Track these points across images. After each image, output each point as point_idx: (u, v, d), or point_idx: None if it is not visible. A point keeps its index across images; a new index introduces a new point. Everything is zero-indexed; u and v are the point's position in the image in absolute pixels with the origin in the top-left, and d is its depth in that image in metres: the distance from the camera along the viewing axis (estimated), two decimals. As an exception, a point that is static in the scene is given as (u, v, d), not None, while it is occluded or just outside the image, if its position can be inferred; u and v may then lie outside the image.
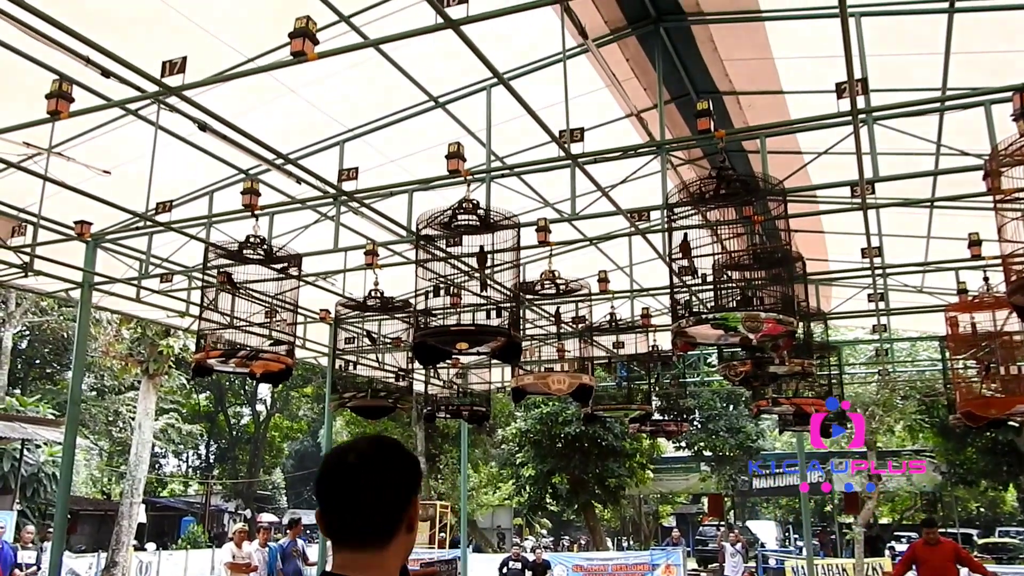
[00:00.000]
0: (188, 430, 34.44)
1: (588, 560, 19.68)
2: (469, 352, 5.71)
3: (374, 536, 1.57)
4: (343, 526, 1.58)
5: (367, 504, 1.57)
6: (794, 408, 8.57)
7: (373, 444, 1.66)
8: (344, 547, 1.58)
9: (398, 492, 1.60)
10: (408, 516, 1.61)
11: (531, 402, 23.05)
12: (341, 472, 1.59)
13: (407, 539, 1.62)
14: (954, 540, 10.70)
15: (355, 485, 1.58)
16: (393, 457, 1.62)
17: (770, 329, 4.91)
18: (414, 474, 1.65)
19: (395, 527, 1.59)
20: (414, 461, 1.67)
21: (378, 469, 1.59)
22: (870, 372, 17.76)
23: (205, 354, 6.40)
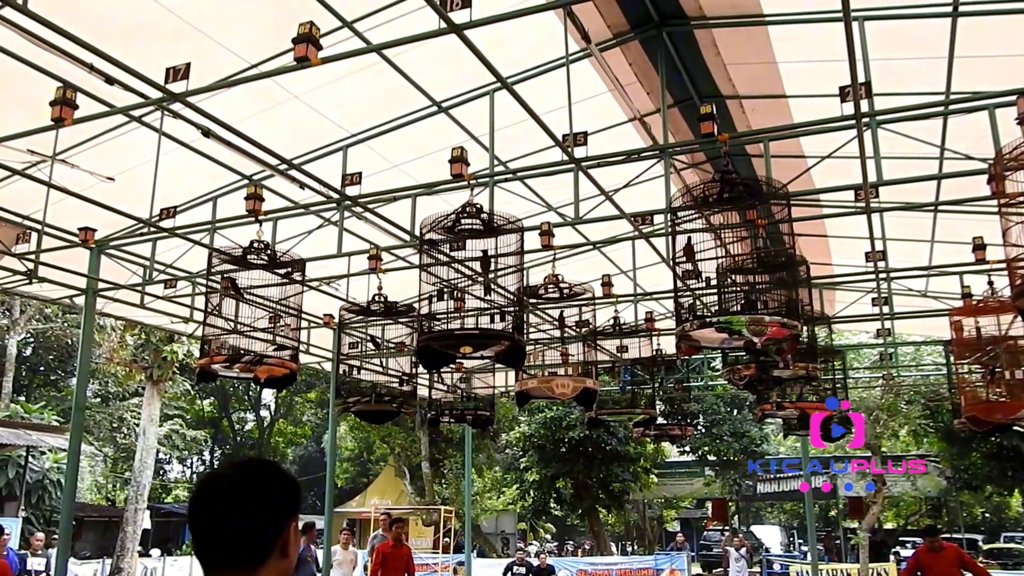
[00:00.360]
0: (192, 436, 34.43)
1: (592, 565, 19.65)
2: (473, 356, 5.70)
3: (243, 561, 1.54)
4: (212, 551, 1.55)
5: (235, 529, 1.54)
6: (798, 412, 8.55)
7: (244, 468, 1.63)
8: (214, 570, 1.56)
9: (268, 517, 1.57)
10: (281, 542, 1.58)
11: (535, 406, 23.02)
12: (210, 496, 1.57)
13: (280, 564, 1.58)
14: (959, 546, 10.65)
15: (223, 510, 1.55)
16: (264, 482, 1.60)
17: (774, 332, 4.90)
18: (288, 499, 1.62)
19: (265, 553, 1.55)
20: (289, 485, 1.64)
21: (247, 494, 1.56)
22: (874, 376, 17.72)
23: (209, 359, 6.40)
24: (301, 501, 1.67)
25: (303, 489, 23.57)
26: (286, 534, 1.59)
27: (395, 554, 10.66)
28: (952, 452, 24.62)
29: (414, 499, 27.45)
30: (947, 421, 22.15)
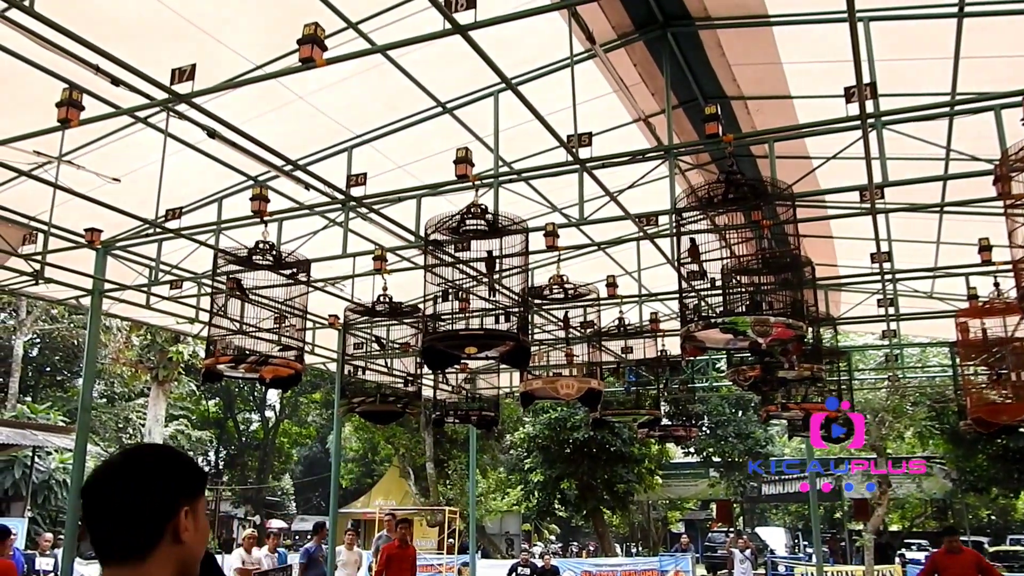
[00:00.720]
0: (198, 436, 34.49)
1: (597, 566, 19.63)
2: (478, 356, 5.70)
3: (130, 550, 1.52)
4: (101, 541, 1.54)
5: (117, 518, 1.52)
6: (803, 413, 8.53)
7: (127, 456, 1.61)
8: (106, 563, 1.54)
9: (151, 503, 1.54)
10: (172, 526, 1.55)
11: (539, 407, 23.02)
12: (93, 487, 1.56)
13: (175, 550, 1.55)
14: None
15: (105, 499, 1.54)
16: (145, 467, 1.57)
17: (779, 333, 4.89)
18: (174, 482, 1.58)
19: (153, 539, 1.53)
20: (177, 468, 1.60)
21: (128, 481, 1.54)
22: (880, 378, 17.68)
23: (215, 359, 6.41)
24: (198, 482, 1.62)
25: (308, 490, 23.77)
26: (176, 519, 1.55)
27: (400, 555, 10.69)
28: (958, 454, 24.56)
29: (419, 500, 27.47)
30: (953, 423, 22.07)
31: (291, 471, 46.02)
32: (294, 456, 45.91)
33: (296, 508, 44.37)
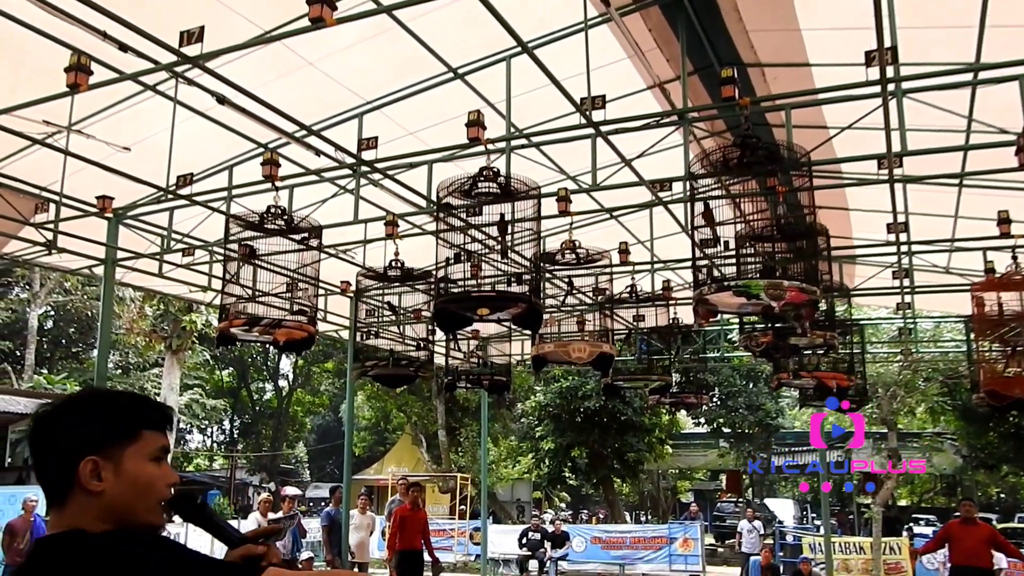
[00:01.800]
0: (212, 405, 34.84)
1: (606, 532, 19.77)
2: (490, 319, 5.70)
3: (51, 497, 1.56)
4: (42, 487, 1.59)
5: (36, 467, 1.57)
6: (815, 382, 8.51)
7: (53, 404, 1.60)
8: (47, 510, 1.60)
9: (53, 453, 1.55)
10: (76, 479, 1.51)
11: (550, 376, 23.09)
12: (29, 434, 1.60)
13: (88, 499, 1.51)
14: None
15: (32, 446, 1.59)
16: (52, 416, 1.57)
17: (793, 297, 4.86)
18: (77, 432, 1.54)
19: (63, 488, 1.53)
20: (84, 420, 1.56)
21: (37, 431, 1.57)
22: (893, 352, 17.60)
23: (228, 323, 6.44)
24: (114, 432, 1.56)
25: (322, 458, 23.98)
26: (80, 472, 1.51)
27: (413, 517, 10.87)
28: (969, 431, 24.49)
29: (431, 467, 27.69)
30: (965, 399, 21.98)
31: (305, 439, 46.46)
32: (307, 425, 46.31)
33: (310, 476, 44.83)
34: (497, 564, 18.46)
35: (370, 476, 29.86)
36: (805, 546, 17.85)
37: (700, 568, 17.80)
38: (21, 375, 25.02)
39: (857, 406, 11.29)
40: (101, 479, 1.51)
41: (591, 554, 18.83)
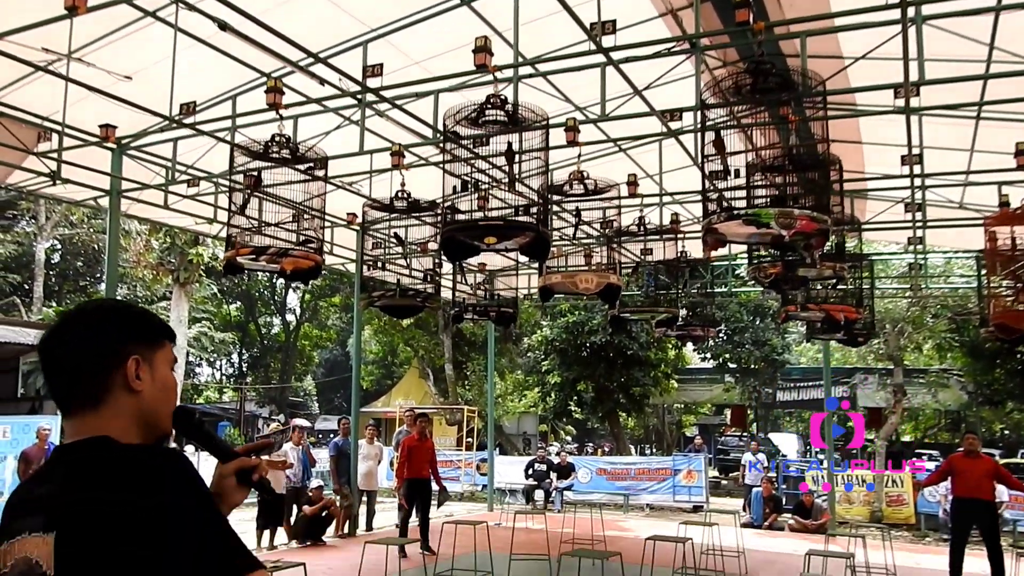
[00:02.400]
0: (220, 338, 35.09)
1: (611, 463, 20.03)
2: (496, 248, 5.66)
3: (82, 400, 1.51)
4: (58, 394, 1.53)
5: (68, 368, 1.51)
6: (823, 314, 8.48)
7: (77, 308, 1.60)
8: (64, 418, 1.53)
9: (91, 354, 1.51)
10: (120, 375, 1.52)
11: (557, 310, 23.16)
12: (44, 341, 1.55)
13: (129, 400, 1.53)
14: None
15: (56, 351, 1.53)
16: (91, 317, 1.56)
17: (803, 226, 4.79)
18: (117, 332, 1.55)
19: (101, 390, 1.51)
20: (122, 317, 1.57)
21: (74, 331, 1.53)
22: (902, 287, 17.54)
23: (235, 252, 6.42)
24: (152, 332, 1.59)
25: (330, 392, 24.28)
26: (126, 368, 1.52)
27: (420, 447, 11.04)
28: (975, 367, 24.53)
29: (437, 400, 28.01)
30: (973, 336, 21.99)
31: (313, 373, 46.97)
32: (315, 359, 46.76)
33: (319, 408, 45.43)
34: (503, 494, 18.77)
35: (377, 409, 30.24)
36: (808, 479, 18.06)
37: (703, 499, 18.06)
38: (30, 308, 25.20)
39: (864, 340, 11.30)
40: (140, 379, 1.54)
41: (596, 485, 19.12)
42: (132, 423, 1.53)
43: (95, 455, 1.45)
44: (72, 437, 1.50)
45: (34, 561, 1.38)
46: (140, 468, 1.42)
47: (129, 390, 1.53)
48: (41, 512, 1.41)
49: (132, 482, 1.39)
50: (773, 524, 15.80)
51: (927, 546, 14.51)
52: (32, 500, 1.45)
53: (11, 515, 1.48)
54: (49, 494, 1.42)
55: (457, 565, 9.27)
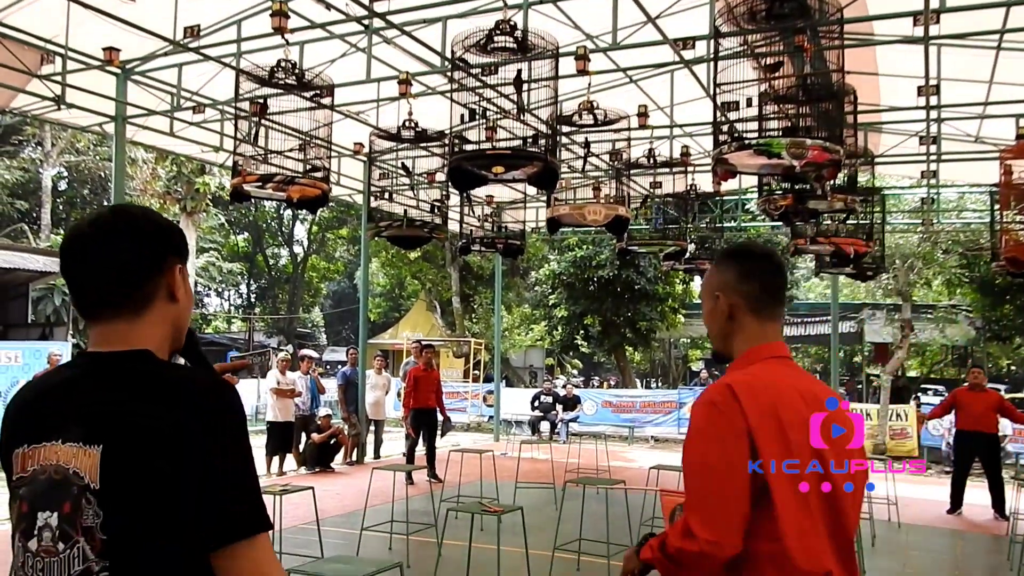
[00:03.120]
0: (228, 268, 35.21)
1: (617, 396, 20.24)
2: (504, 178, 5.60)
3: (124, 306, 1.46)
4: (91, 299, 1.47)
5: (108, 271, 1.44)
6: (833, 247, 8.42)
7: (112, 211, 1.52)
8: (97, 322, 1.47)
9: (144, 256, 1.46)
10: (165, 283, 1.49)
11: (565, 244, 23.11)
12: (78, 242, 1.46)
13: (170, 308, 1.51)
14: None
15: (93, 253, 1.45)
16: (134, 221, 1.49)
17: (815, 157, 4.71)
18: (165, 238, 1.51)
19: (147, 295, 1.47)
20: (165, 225, 1.53)
21: (116, 234, 1.46)
22: (914, 223, 17.39)
23: (241, 179, 6.37)
24: (185, 245, 1.56)
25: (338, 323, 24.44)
26: (170, 275, 1.50)
27: (426, 377, 11.18)
28: (984, 303, 24.49)
29: (445, 332, 28.18)
30: (983, 272, 21.88)
31: (320, 305, 47.22)
32: (323, 290, 46.96)
33: (327, 340, 45.80)
34: (510, 425, 19.03)
35: (385, 340, 30.46)
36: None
37: (707, 432, 18.26)
38: (38, 235, 25.25)
39: (873, 274, 11.23)
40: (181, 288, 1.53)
41: (601, 417, 19.34)
42: (167, 334, 1.51)
43: (143, 369, 1.42)
44: (106, 346, 1.46)
45: (71, 471, 1.37)
46: (191, 391, 1.38)
47: (171, 299, 1.51)
48: (79, 422, 1.38)
49: (181, 403, 1.36)
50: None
51: (929, 478, 14.70)
52: (63, 406, 1.41)
53: (30, 418, 1.45)
54: (90, 404, 1.39)
55: (463, 492, 9.44)
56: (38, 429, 1.43)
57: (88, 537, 1.34)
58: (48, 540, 1.36)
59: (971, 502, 10.47)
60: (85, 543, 1.34)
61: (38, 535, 1.38)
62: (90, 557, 1.35)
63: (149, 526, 1.34)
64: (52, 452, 1.39)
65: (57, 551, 1.36)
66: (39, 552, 1.37)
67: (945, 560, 8.11)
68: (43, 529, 1.37)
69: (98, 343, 1.47)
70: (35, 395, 1.48)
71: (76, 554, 1.35)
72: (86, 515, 1.34)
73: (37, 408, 1.45)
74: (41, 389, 1.48)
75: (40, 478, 1.40)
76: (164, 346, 1.51)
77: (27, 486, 1.41)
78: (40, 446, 1.41)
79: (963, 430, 10.18)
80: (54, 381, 1.47)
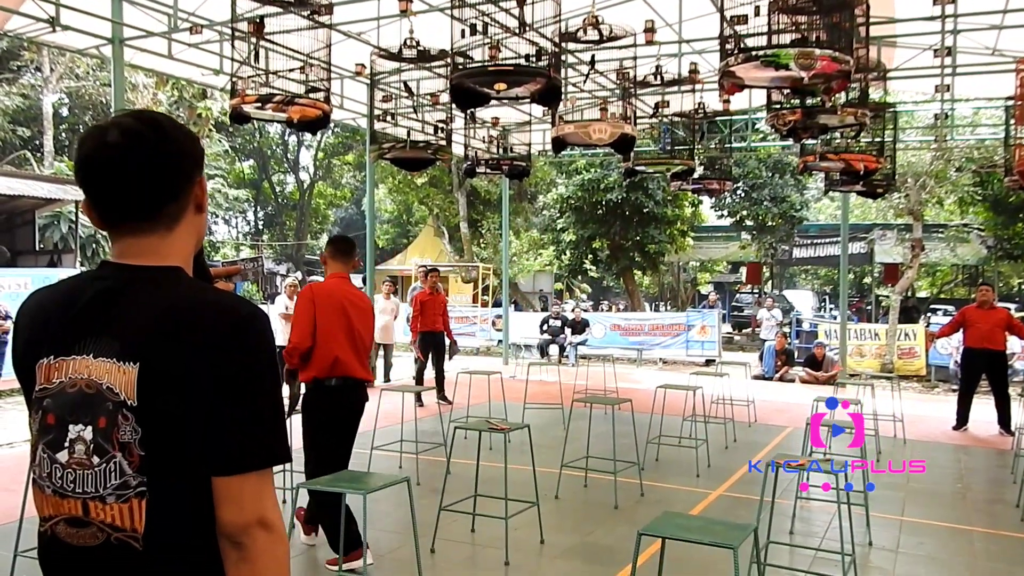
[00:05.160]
0: (235, 195, 35.06)
1: (625, 319, 20.32)
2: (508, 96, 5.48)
3: (157, 220, 1.42)
4: (119, 213, 1.41)
5: (142, 185, 1.38)
6: (842, 164, 8.27)
7: (137, 118, 1.42)
8: (125, 235, 1.43)
9: (178, 169, 1.42)
10: (194, 194, 1.46)
11: (573, 167, 22.88)
12: (103, 153, 1.38)
13: (197, 220, 1.49)
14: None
15: (123, 165, 1.37)
16: (163, 131, 1.41)
17: (824, 68, 4.58)
18: (193, 148, 1.46)
19: (180, 208, 1.44)
20: (190, 133, 1.48)
21: (148, 145, 1.38)
22: (926, 139, 17.08)
23: (240, 99, 6.26)
24: (202, 156, 1.51)
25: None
26: (199, 186, 1.47)
27: (432, 300, 11.22)
28: (997, 221, 24.27)
29: (453, 258, 28.19)
30: (996, 189, 21.62)
31: (328, 231, 47.21)
32: (330, 217, 46.87)
33: (335, 266, 45.86)
34: (518, 349, 19.16)
35: (393, 266, 30.52)
36: (821, 332, 18.27)
37: (716, 354, 18.37)
38: (41, 162, 25.11)
39: (883, 192, 11.08)
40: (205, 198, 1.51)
41: (610, 340, 19.45)
42: (194, 246, 1.50)
43: (178, 290, 1.39)
44: (135, 259, 1.43)
45: (104, 386, 1.35)
46: (222, 319, 1.35)
47: (199, 210, 1.48)
48: (112, 336, 1.36)
49: (212, 329, 1.34)
50: (784, 376, 16.13)
51: (936, 396, 14.81)
52: (94, 320, 1.38)
53: (55, 328, 1.42)
54: (125, 320, 1.37)
55: (472, 413, 9.56)
56: (65, 341, 1.40)
57: (125, 452, 1.34)
58: (82, 453, 1.36)
59: (977, 418, 10.55)
60: (123, 458, 1.34)
61: (69, 447, 1.36)
62: (128, 472, 1.35)
63: (183, 446, 1.34)
64: (83, 366, 1.37)
65: (92, 464, 1.35)
66: (70, 464, 1.37)
67: (948, 474, 8.21)
68: (75, 442, 1.36)
69: (126, 255, 1.43)
70: (57, 305, 1.44)
71: (113, 468, 1.34)
72: (123, 431, 1.34)
73: (61, 318, 1.42)
74: (64, 299, 1.44)
75: (69, 391, 1.38)
76: (190, 260, 1.50)
77: (51, 398, 1.39)
78: (69, 359, 1.39)
79: (971, 347, 10.19)
80: (81, 291, 1.43)
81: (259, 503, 1.36)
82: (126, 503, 1.35)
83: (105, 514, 1.36)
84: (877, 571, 5.29)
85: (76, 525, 1.38)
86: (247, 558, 1.35)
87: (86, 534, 1.38)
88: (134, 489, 1.35)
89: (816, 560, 5.33)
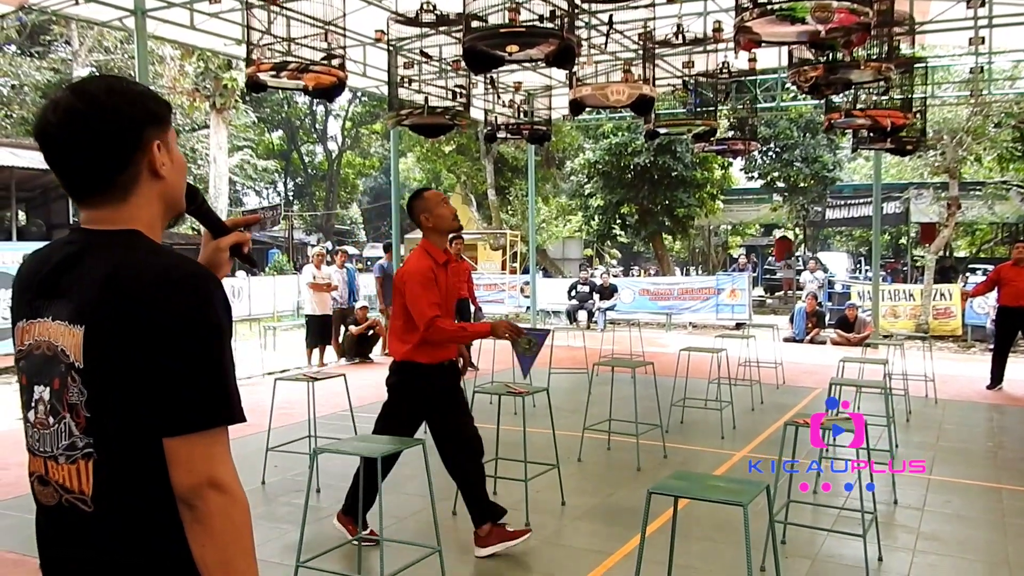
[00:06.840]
0: (264, 166, 35.27)
1: (654, 284, 20.20)
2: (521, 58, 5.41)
3: (108, 191, 1.42)
4: (75, 186, 1.43)
5: (82, 160, 1.40)
6: (869, 121, 8.06)
7: (73, 92, 1.41)
8: (85, 205, 1.45)
9: (115, 140, 1.40)
10: (146, 161, 1.44)
11: (600, 131, 22.65)
12: (46, 132, 1.40)
13: (155, 185, 1.47)
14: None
15: (62, 142, 1.39)
16: (96, 102, 1.39)
17: (842, 20, 4.45)
18: (135, 112, 1.43)
19: (130, 177, 1.43)
20: (133, 98, 1.43)
21: (80, 119, 1.38)
22: (962, 95, 16.61)
23: (256, 68, 6.26)
24: (162, 111, 1.48)
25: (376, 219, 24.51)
26: (150, 152, 1.45)
27: (456, 267, 11.17)
28: (1037, 178, 23.67)
29: (481, 225, 28.18)
30: (1037, 145, 21.06)
31: (358, 201, 47.37)
32: (359, 186, 47.02)
33: (365, 236, 46.14)
34: (547, 315, 19.16)
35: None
36: (854, 293, 18.01)
37: (747, 317, 18.19)
38: (73, 137, 25.43)
39: (913, 148, 10.83)
40: (164, 164, 1.48)
41: (639, 304, 19.36)
42: (158, 211, 1.49)
43: (127, 255, 1.39)
44: (95, 224, 1.45)
45: (59, 349, 1.38)
46: (163, 283, 1.35)
47: (155, 176, 1.47)
48: (67, 300, 1.38)
49: (153, 293, 1.33)
50: (815, 338, 15.96)
51: (971, 355, 14.59)
52: (55, 283, 1.41)
53: (29, 292, 1.46)
54: (77, 284, 1.38)
55: (497, 379, 9.58)
56: (33, 304, 1.45)
57: (73, 413, 1.37)
58: (42, 413, 1.40)
59: (1012, 377, 10.37)
60: (71, 419, 1.37)
61: (34, 407, 1.42)
62: (75, 433, 1.37)
63: (127, 409, 1.35)
64: (44, 328, 1.41)
65: (48, 424, 1.39)
66: (36, 424, 1.42)
67: (979, 432, 8.11)
68: (38, 403, 1.41)
69: (88, 222, 1.46)
70: (31, 270, 1.48)
71: (63, 428, 1.38)
72: (71, 392, 1.36)
73: (32, 283, 1.46)
74: (38, 265, 1.47)
75: (35, 353, 1.42)
76: (156, 223, 1.49)
77: (25, 359, 1.44)
78: (36, 321, 1.43)
79: (1006, 305, 10.01)
80: (53, 256, 1.46)
81: (209, 464, 1.35)
82: (74, 464, 1.38)
83: (58, 474, 1.40)
84: (902, 529, 5.25)
85: (42, 484, 1.44)
86: (200, 519, 1.35)
87: (47, 492, 1.43)
88: (81, 451, 1.37)
89: (839, 519, 5.31)
